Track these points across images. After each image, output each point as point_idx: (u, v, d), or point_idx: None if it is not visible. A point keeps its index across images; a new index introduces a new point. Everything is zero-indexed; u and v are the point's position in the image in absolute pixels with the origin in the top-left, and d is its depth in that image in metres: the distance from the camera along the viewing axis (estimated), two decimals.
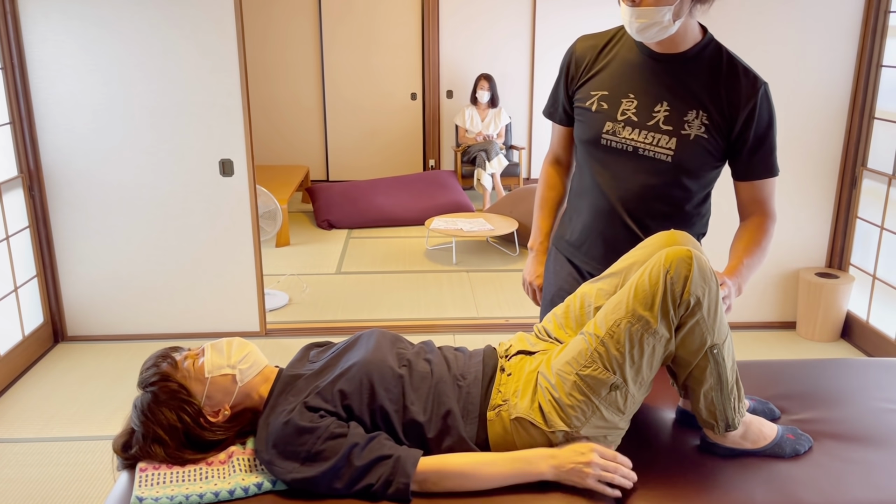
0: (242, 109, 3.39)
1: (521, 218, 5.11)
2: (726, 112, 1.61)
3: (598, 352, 1.39)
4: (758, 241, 1.65)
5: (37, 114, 3.34)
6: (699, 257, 1.37)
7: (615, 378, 1.39)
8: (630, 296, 1.38)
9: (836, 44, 3.40)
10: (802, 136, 3.51)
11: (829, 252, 3.69)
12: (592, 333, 1.42)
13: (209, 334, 3.64)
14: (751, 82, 1.60)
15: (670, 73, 1.63)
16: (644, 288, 1.37)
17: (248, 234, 3.56)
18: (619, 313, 1.39)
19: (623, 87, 1.67)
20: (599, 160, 1.73)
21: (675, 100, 1.62)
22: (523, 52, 6.72)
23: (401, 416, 1.47)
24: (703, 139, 1.62)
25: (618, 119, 1.67)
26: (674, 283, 1.35)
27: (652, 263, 1.39)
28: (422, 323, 3.85)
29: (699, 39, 1.63)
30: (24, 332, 3.37)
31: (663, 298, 1.35)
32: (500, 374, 1.54)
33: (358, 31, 6.67)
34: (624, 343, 1.38)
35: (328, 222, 5.66)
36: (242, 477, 1.43)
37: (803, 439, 1.55)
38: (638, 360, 1.39)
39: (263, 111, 6.81)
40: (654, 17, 1.50)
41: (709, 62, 1.62)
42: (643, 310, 1.36)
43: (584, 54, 1.74)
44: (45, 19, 3.24)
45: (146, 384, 1.52)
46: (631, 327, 1.37)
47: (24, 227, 3.39)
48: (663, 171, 1.66)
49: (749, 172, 1.66)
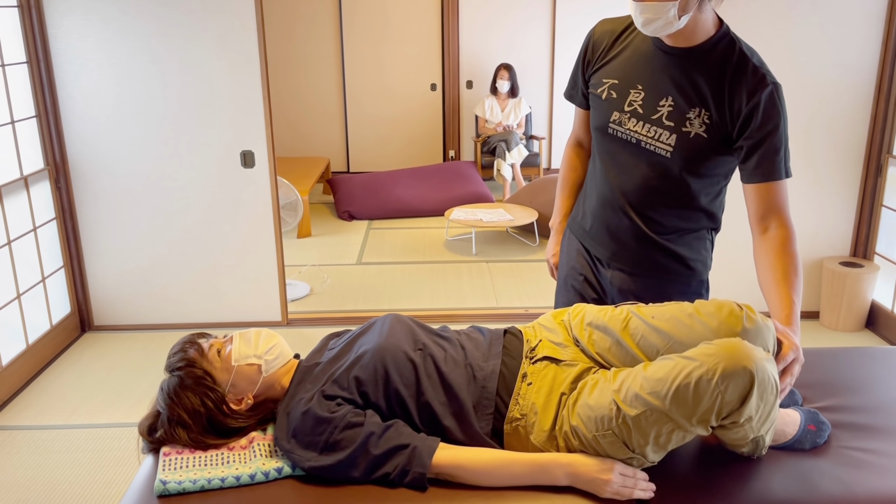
0: (263, 101, 3.41)
1: (540, 208, 5.10)
2: (727, 110, 1.56)
3: (622, 429, 1.33)
4: (792, 265, 1.53)
5: (62, 107, 3.40)
6: (763, 373, 1.25)
7: (633, 454, 1.36)
8: (669, 394, 1.27)
9: (861, 30, 3.34)
10: (827, 124, 3.46)
11: (854, 241, 3.64)
12: (620, 404, 1.33)
13: (232, 324, 3.68)
14: (757, 81, 1.53)
15: (679, 68, 1.59)
16: (687, 398, 1.27)
17: (269, 225, 3.59)
18: (652, 402, 1.29)
19: (633, 78, 1.66)
20: (606, 149, 1.74)
21: (680, 96, 1.59)
22: (543, 41, 6.68)
23: (416, 401, 1.48)
24: (702, 138, 1.58)
25: (624, 110, 1.66)
26: (725, 403, 1.26)
27: (703, 368, 1.26)
28: (441, 313, 3.87)
29: (712, 34, 1.57)
30: (51, 322, 3.44)
31: (706, 412, 1.27)
32: (521, 382, 1.49)
33: (378, 23, 6.67)
34: (650, 433, 1.32)
35: (349, 213, 5.69)
36: (263, 462, 1.45)
37: (824, 428, 1.54)
38: (664, 444, 1.34)
39: (284, 103, 6.85)
40: (659, 13, 1.48)
41: (719, 58, 1.57)
42: (681, 416, 1.29)
43: (602, 39, 1.73)
44: (68, 14, 3.28)
45: (172, 368, 1.55)
46: (662, 424, 1.30)
47: (50, 218, 3.45)
48: (663, 167, 1.64)
49: (751, 174, 1.58)
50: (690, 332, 1.40)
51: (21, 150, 3.25)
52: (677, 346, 1.40)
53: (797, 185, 3.47)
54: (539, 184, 5.31)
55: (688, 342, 1.38)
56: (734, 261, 3.19)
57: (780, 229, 1.57)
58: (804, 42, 3.35)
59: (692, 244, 1.75)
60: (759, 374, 1.25)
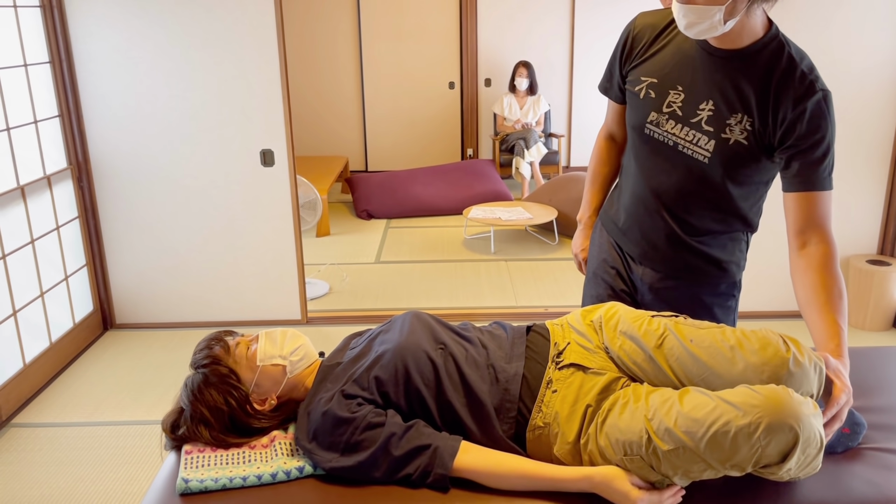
0: (283, 100, 3.42)
1: (560, 206, 5.07)
2: (771, 117, 1.48)
3: (651, 458, 1.29)
4: (836, 287, 1.43)
5: (84, 106, 3.42)
6: (809, 431, 1.19)
7: (662, 479, 1.31)
8: (705, 438, 1.22)
9: (886, 25, 3.28)
10: (853, 119, 3.40)
11: (882, 238, 3.58)
12: (651, 436, 1.28)
13: (252, 322, 3.70)
14: (805, 88, 1.45)
15: (723, 71, 1.51)
16: (724, 446, 1.21)
17: (289, 223, 3.60)
18: (686, 442, 1.24)
19: (673, 78, 1.59)
20: (642, 148, 1.69)
21: (722, 100, 1.52)
22: (562, 39, 6.64)
23: (436, 401, 1.46)
24: (742, 146, 1.52)
25: (663, 111, 1.60)
26: (765, 456, 1.21)
27: (745, 420, 1.20)
28: (460, 312, 3.85)
29: (760, 36, 1.48)
30: (74, 320, 3.47)
31: (744, 461, 1.22)
32: (546, 388, 1.45)
33: (396, 21, 6.67)
34: (680, 467, 1.27)
35: (367, 212, 5.69)
36: (285, 461, 1.45)
37: (858, 430, 1.49)
38: (694, 477, 1.29)
39: (303, 102, 6.86)
40: (704, 16, 1.40)
41: (766, 62, 1.48)
42: (714, 461, 1.24)
43: (643, 33, 1.64)
44: (90, 14, 3.31)
45: (198, 365, 1.55)
46: (693, 463, 1.26)
47: (73, 217, 3.48)
48: (701, 171, 1.58)
49: (791, 182, 1.50)
50: (731, 366, 1.33)
51: (44, 150, 3.28)
52: (714, 378, 1.35)
53: None
54: (558, 182, 5.28)
55: (726, 377, 1.33)
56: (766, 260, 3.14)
57: (822, 245, 1.47)
58: (830, 37, 3.29)
59: (726, 245, 1.70)
60: (804, 433, 1.19)
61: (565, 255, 4.75)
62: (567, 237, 5.11)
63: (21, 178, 3.10)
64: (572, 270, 4.47)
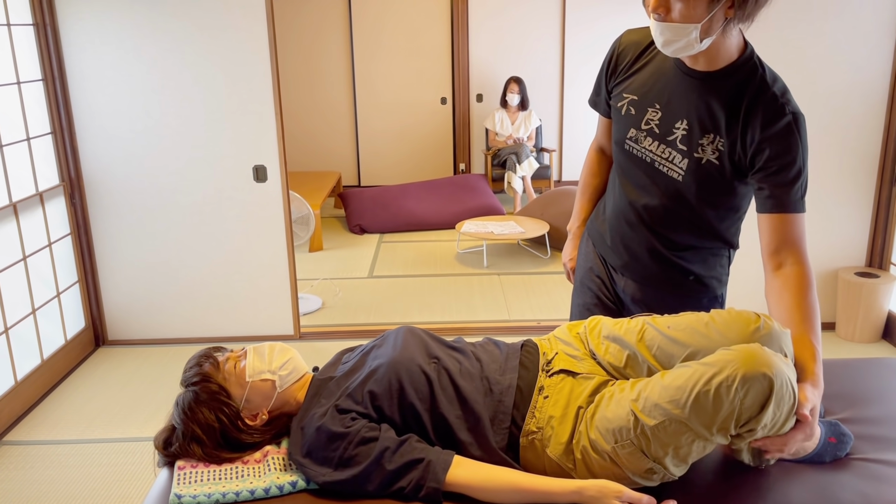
0: (275, 116, 3.44)
1: (552, 220, 5.09)
2: (740, 139, 1.50)
3: (640, 439, 1.32)
4: (812, 309, 1.44)
5: (77, 123, 3.44)
6: (781, 378, 1.24)
7: (653, 464, 1.33)
8: (689, 402, 1.26)
9: (873, 39, 3.33)
10: (840, 133, 3.44)
11: (870, 251, 3.61)
12: (638, 415, 1.32)
13: (245, 338, 3.69)
14: (775, 110, 1.46)
15: (697, 91, 1.54)
16: (707, 406, 1.25)
17: (281, 239, 3.61)
18: (671, 413, 1.28)
19: (652, 96, 1.62)
20: (623, 163, 1.73)
21: (696, 120, 1.55)
22: (553, 54, 6.70)
23: (430, 415, 1.47)
24: (714, 165, 1.54)
25: (641, 127, 1.64)
26: (745, 409, 1.25)
27: (722, 375, 1.24)
28: (453, 326, 3.86)
29: (735, 58, 1.51)
30: (66, 337, 3.46)
31: (725, 420, 1.26)
32: (538, 395, 1.48)
33: (388, 37, 6.72)
34: (669, 444, 1.30)
35: (360, 227, 5.70)
36: (277, 476, 1.45)
37: (846, 439, 1.51)
38: (684, 456, 1.32)
39: (296, 118, 6.89)
40: (679, 35, 1.42)
41: (738, 84, 1.50)
42: (700, 426, 1.27)
43: (627, 51, 1.69)
44: (83, 32, 3.33)
45: (188, 383, 1.55)
46: (681, 434, 1.29)
47: (65, 234, 3.48)
48: (675, 189, 1.61)
49: (764, 203, 1.51)
50: (707, 341, 1.38)
51: (36, 167, 3.28)
52: (694, 356, 1.39)
53: (811, 195, 3.43)
54: (550, 196, 5.31)
55: (705, 351, 1.37)
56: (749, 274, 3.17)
57: (796, 266, 1.48)
58: (815, 52, 3.34)
59: (707, 260, 1.72)
60: (777, 379, 1.23)
61: (558, 269, 4.77)
62: (559, 251, 5.13)
63: (13, 194, 3.10)
64: (565, 284, 4.49)
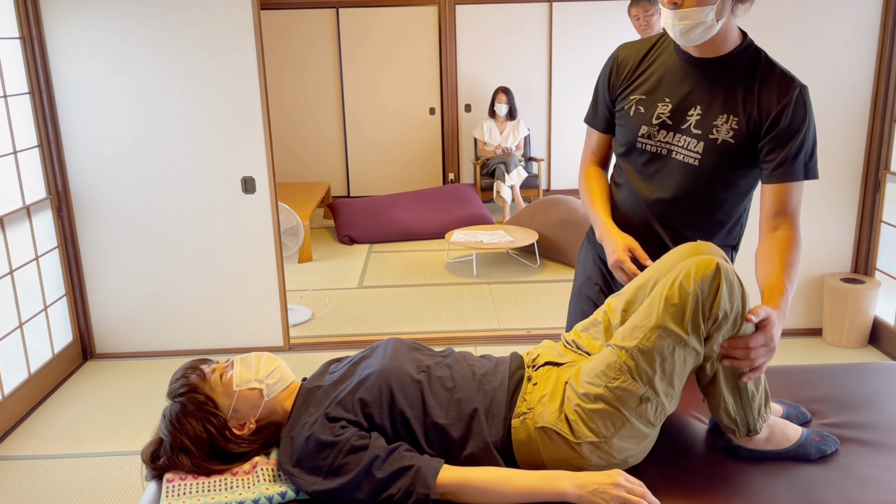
0: (263, 128, 3.44)
1: (541, 229, 5.11)
2: (756, 114, 1.60)
3: (628, 364, 1.38)
4: (794, 261, 1.57)
5: (64, 136, 3.43)
6: (727, 269, 1.35)
7: (645, 390, 1.38)
8: (660, 309, 1.37)
9: (855, 47, 3.38)
10: (824, 141, 3.48)
11: (855, 257, 3.65)
12: (621, 346, 1.40)
13: (234, 350, 3.68)
14: (786, 84, 1.59)
15: (707, 77, 1.64)
16: (673, 301, 1.36)
17: (270, 250, 3.60)
18: (648, 326, 1.38)
19: (660, 92, 1.69)
20: (635, 164, 1.76)
21: (708, 104, 1.64)
22: (540, 64, 6.74)
23: (422, 422, 1.48)
24: (729, 144, 1.63)
25: (652, 122, 1.70)
26: (704, 296, 1.34)
27: (681, 275, 1.37)
28: (443, 335, 3.86)
29: (738, 43, 1.63)
30: (53, 351, 3.43)
31: (694, 313, 1.35)
32: (527, 383, 1.53)
33: (376, 49, 6.75)
34: (654, 357, 1.37)
35: (349, 237, 5.70)
36: (266, 487, 1.45)
37: (829, 441, 1.54)
38: (669, 372, 1.38)
39: (285, 129, 6.90)
40: (698, 18, 1.51)
41: (746, 65, 1.62)
42: (674, 324, 1.36)
43: (627, 60, 1.76)
44: (70, 45, 3.32)
45: (175, 395, 1.55)
46: (662, 341, 1.36)
47: (52, 247, 3.47)
48: (692, 176, 1.67)
49: (771, 174, 1.61)
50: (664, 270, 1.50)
51: (23, 180, 3.27)
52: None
53: None
54: (539, 205, 5.33)
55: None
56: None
57: (789, 231, 1.60)
58: (799, 60, 3.38)
59: None
60: (722, 265, 1.35)
61: (547, 278, 4.79)
62: (548, 259, 5.15)
63: (0, 208, 3.09)
64: (554, 293, 4.51)
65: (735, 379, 1.42)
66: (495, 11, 6.61)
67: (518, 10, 6.60)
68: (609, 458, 1.42)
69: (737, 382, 1.42)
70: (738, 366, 1.40)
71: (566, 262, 5.01)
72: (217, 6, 3.30)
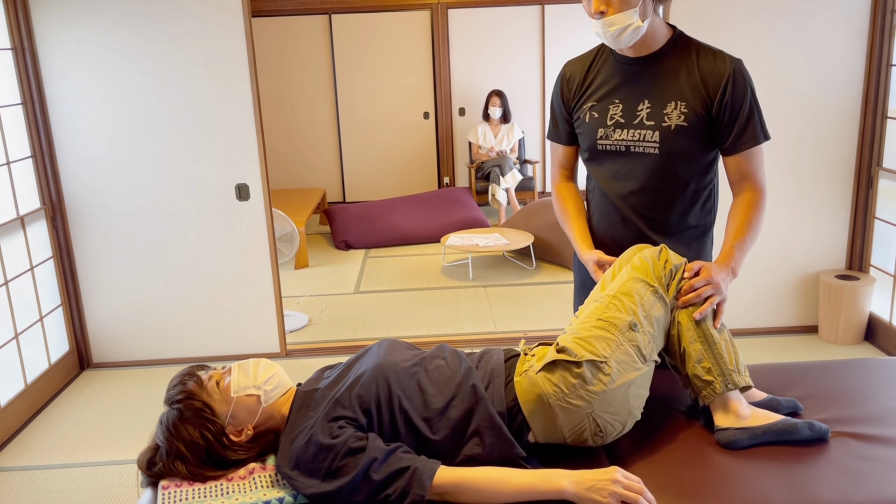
0: (256, 134, 3.45)
1: (536, 231, 5.12)
2: (703, 94, 1.72)
3: (613, 303, 1.58)
4: (748, 220, 1.76)
5: (57, 146, 3.43)
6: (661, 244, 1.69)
7: (631, 318, 1.54)
8: (630, 272, 1.62)
9: (845, 44, 3.39)
10: (816, 139, 3.49)
11: (849, 254, 3.66)
12: (604, 295, 1.62)
13: (231, 357, 3.68)
14: (721, 61, 1.72)
15: (648, 73, 1.78)
16: (637, 265, 1.63)
17: (265, 257, 3.60)
18: (622, 280, 1.61)
19: (609, 95, 1.82)
20: (599, 166, 1.88)
21: (655, 96, 1.76)
22: (534, 67, 6.76)
23: (420, 412, 1.50)
24: (683, 127, 1.74)
25: (607, 124, 1.82)
26: (657, 260, 1.63)
27: (639, 254, 1.66)
28: (440, 339, 3.87)
29: (668, 37, 1.78)
30: (50, 361, 3.43)
31: (654, 268, 1.62)
32: (523, 357, 1.63)
33: (369, 54, 6.76)
34: (633, 295, 1.58)
35: (345, 243, 5.71)
36: (264, 492, 1.45)
37: (817, 425, 1.56)
38: (648, 310, 1.57)
39: (279, 136, 6.90)
40: (624, 21, 1.65)
41: (681, 54, 1.76)
42: (643, 275, 1.61)
43: (574, 75, 1.89)
44: (62, 55, 3.33)
45: (172, 401, 1.55)
46: (637, 285, 1.59)
47: (47, 257, 3.46)
48: (655, 164, 1.78)
49: (732, 146, 1.75)
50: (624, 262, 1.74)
51: (17, 191, 3.27)
52: None
53: (789, 200, 3.49)
54: (534, 207, 5.34)
55: None
56: None
57: (751, 192, 1.79)
58: (788, 58, 3.39)
59: (691, 244, 1.88)
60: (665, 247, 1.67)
61: (543, 280, 4.80)
62: (544, 262, 5.15)
63: None
64: (550, 295, 4.51)
65: (695, 328, 1.58)
66: (488, 15, 6.63)
67: (510, 12, 6.62)
68: (609, 382, 1.49)
69: (697, 331, 1.58)
70: (690, 301, 1.60)
71: (562, 264, 5.01)
72: (208, 14, 3.31)
